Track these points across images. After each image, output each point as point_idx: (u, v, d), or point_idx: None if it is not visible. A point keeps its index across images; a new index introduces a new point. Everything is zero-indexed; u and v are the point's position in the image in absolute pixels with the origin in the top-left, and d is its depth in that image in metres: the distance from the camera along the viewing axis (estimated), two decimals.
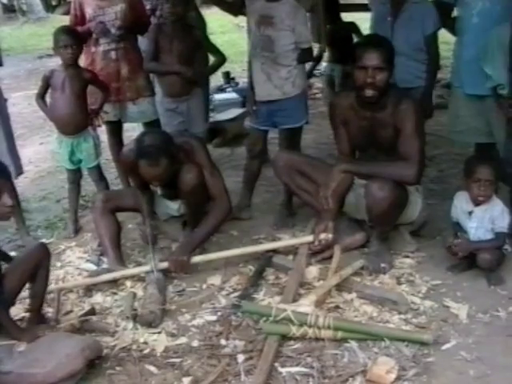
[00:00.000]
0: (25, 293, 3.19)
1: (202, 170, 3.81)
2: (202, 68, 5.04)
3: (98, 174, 4.54)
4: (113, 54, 4.63)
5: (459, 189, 3.73)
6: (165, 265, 3.65)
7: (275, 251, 3.87)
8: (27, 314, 3.23)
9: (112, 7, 4.55)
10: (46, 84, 4.32)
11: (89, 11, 4.57)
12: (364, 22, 5.17)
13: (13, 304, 3.06)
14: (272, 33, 4.21)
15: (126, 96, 4.70)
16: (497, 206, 3.49)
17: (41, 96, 4.38)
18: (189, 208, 3.98)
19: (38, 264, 3.11)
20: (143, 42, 4.87)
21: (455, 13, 4.24)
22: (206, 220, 3.84)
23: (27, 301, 3.22)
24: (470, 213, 3.53)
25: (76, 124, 4.32)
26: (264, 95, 4.37)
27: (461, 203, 3.58)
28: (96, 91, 4.49)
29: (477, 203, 3.50)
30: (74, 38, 4.23)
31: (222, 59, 4.79)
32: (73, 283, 3.70)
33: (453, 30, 4.26)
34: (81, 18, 4.64)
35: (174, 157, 3.70)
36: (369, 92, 3.55)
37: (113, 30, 4.57)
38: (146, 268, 3.62)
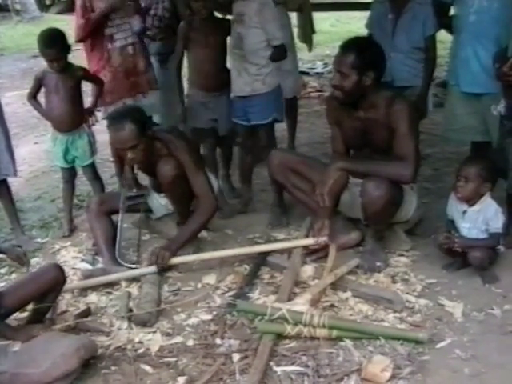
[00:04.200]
0: None
1: (185, 169, 3.82)
2: None
3: (93, 172, 4.54)
4: (130, 49, 4.65)
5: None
6: (151, 268, 3.65)
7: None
8: (23, 315, 3.23)
9: None
10: (39, 84, 4.29)
11: (100, 6, 4.55)
12: (359, 20, 5.17)
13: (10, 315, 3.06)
14: (242, 30, 4.33)
15: (140, 89, 4.74)
16: (490, 207, 3.48)
17: (32, 96, 4.34)
18: (172, 203, 4.03)
19: (51, 288, 3.10)
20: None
21: (452, 11, 4.26)
22: (191, 218, 3.87)
23: None
24: (464, 212, 3.54)
25: (71, 121, 4.32)
26: (236, 90, 4.51)
27: (455, 201, 3.59)
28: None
29: (468, 203, 3.51)
30: (58, 48, 4.15)
31: None
32: (69, 286, 3.67)
33: (449, 29, 4.27)
34: (90, 11, 4.60)
35: (143, 124, 3.74)
36: (335, 92, 3.65)
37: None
38: (147, 270, 3.65)
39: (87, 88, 4.61)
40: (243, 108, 4.51)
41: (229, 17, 4.63)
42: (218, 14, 4.76)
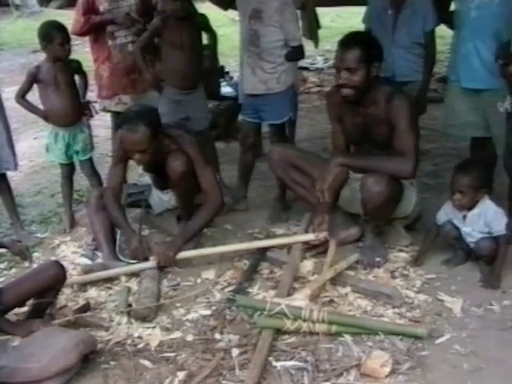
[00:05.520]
0: None
1: (193, 163, 3.80)
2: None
3: (91, 168, 4.54)
4: (130, 47, 4.66)
5: None
6: (151, 262, 3.64)
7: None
8: (23, 310, 3.22)
9: (126, 0, 4.56)
10: (32, 81, 4.24)
11: (103, 3, 4.56)
12: (359, 15, 5.15)
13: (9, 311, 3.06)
14: (259, 27, 4.25)
15: (140, 87, 4.73)
16: (490, 210, 3.45)
17: (22, 95, 4.28)
18: (178, 198, 4.01)
19: (51, 286, 3.10)
20: None
21: (453, 6, 4.25)
22: (198, 214, 3.83)
23: None
24: (464, 217, 3.52)
25: (73, 115, 4.33)
26: (249, 88, 4.45)
27: (452, 208, 3.56)
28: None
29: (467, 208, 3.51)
30: (67, 34, 4.18)
31: (213, 36, 4.75)
32: (69, 281, 3.66)
33: (450, 24, 4.27)
34: (92, 7, 4.61)
35: (157, 128, 3.69)
36: (343, 91, 3.59)
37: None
38: (146, 265, 3.64)
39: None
40: (254, 106, 4.46)
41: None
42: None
